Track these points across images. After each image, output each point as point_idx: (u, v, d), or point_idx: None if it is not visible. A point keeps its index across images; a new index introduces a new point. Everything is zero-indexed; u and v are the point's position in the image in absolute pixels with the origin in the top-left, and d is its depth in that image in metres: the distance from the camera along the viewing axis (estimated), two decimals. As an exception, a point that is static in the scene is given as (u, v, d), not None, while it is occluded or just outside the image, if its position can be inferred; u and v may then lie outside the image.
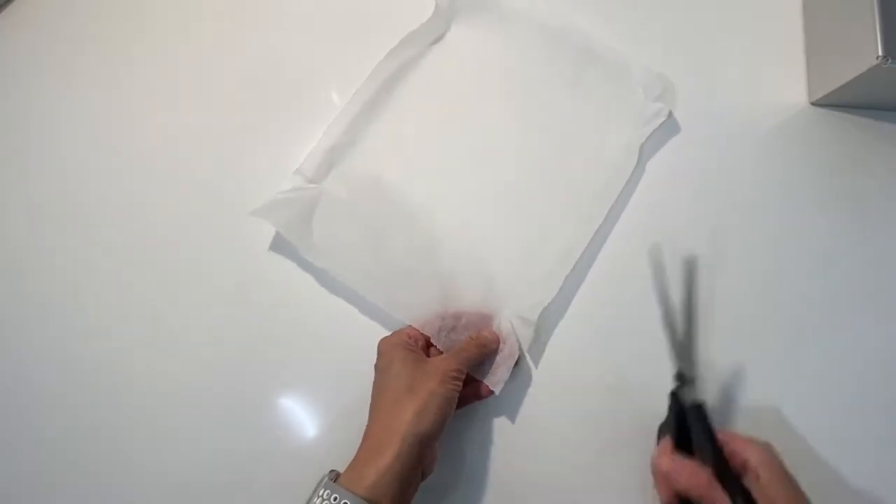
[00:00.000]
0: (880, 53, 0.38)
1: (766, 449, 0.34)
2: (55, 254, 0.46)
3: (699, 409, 0.35)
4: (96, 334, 0.44)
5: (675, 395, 0.37)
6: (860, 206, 0.45)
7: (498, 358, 0.41)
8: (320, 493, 0.32)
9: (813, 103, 0.47)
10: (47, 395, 0.43)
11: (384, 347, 0.38)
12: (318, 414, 0.42)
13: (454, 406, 0.36)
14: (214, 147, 0.48)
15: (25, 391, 0.43)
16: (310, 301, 0.44)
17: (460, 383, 0.37)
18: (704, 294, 0.43)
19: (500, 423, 0.41)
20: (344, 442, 0.35)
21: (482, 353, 0.40)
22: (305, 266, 0.45)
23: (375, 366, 0.38)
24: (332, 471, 0.34)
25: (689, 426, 0.35)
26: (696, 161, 0.46)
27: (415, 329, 0.40)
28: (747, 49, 0.49)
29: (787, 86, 0.48)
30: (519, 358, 0.41)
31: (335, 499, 0.31)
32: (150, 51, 0.51)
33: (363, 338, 0.41)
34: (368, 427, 0.36)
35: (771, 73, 0.48)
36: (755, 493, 0.31)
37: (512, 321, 0.41)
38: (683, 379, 0.37)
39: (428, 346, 0.41)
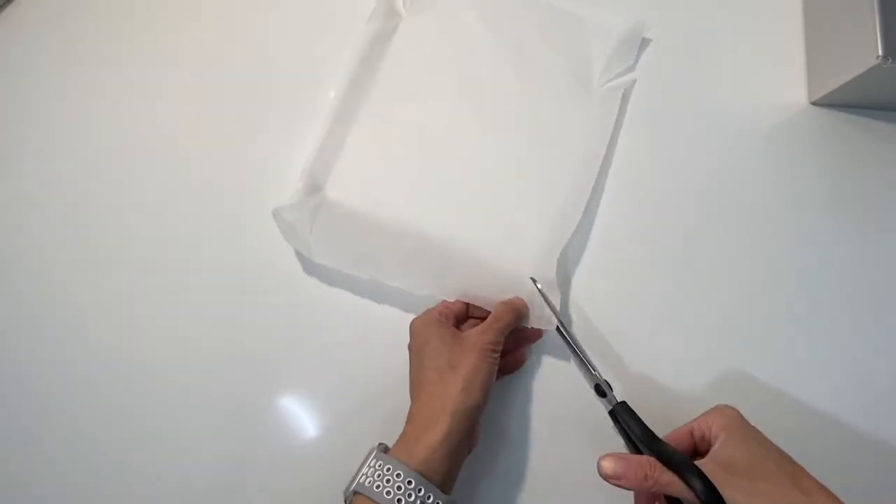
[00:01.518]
0: (880, 53, 0.38)
1: (724, 412, 0.34)
2: (51, 254, 0.46)
3: (623, 406, 0.36)
4: (95, 335, 0.44)
5: (611, 413, 0.37)
6: (860, 206, 0.45)
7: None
8: (370, 463, 0.32)
9: (813, 103, 0.47)
10: (42, 397, 0.43)
11: (417, 327, 0.38)
12: (318, 416, 0.42)
13: (495, 378, 0.36)
14: (214, 146, 0.48)
15: (21, 393, 0.43)
16: (310, 303, 0.44)
17: (499, 354, 0.37)
18: (704, 294, 0.43)
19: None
20: (346, 444, 0.35)
21: (517, 318, 0.39)
22: (307, 265, 0.45)
23: (409, 346, 0.38)
24: (380, 443, 0.34)
25: (626, 431, 0.36)
26: (696, 161, 0.46)
27: (444, 305, 0.40)
28: (747, 49, 0.49)
29: (787, 86, 0.48)
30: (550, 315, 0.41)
31: (388, 469, 0.31)
32: (149, 51, 0.51)
33: (367, 340, 0.41)
34: (413, 407, 0.35)
35: (771, 73, 0.48)
36: (714, 461, 0.31)
37: (536, 285, 0.41)
38: (600, 391, 0.39)
39: (458, 321, 0.40)
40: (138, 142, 0.49)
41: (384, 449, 0.34)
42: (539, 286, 0.41)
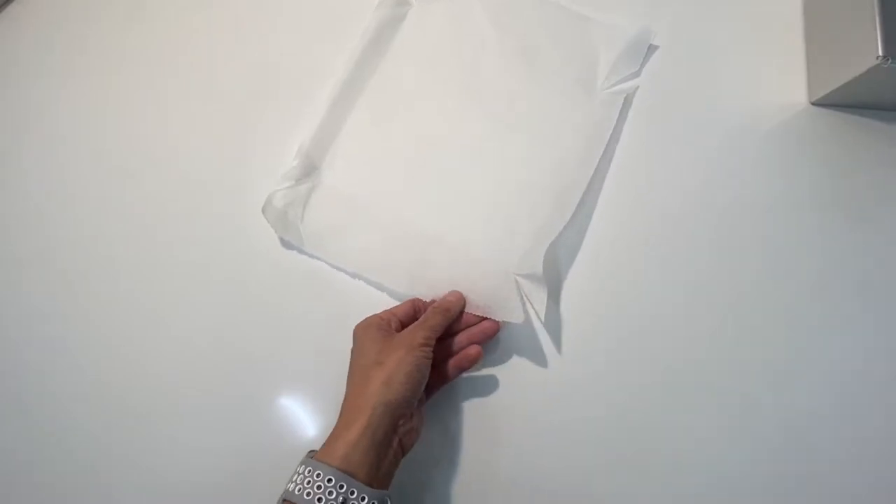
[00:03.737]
0: (880, 53, 0.38)
1: None
2: (50, 253, 0.46)
3: None
4: (93, 335, 0.44)
5: None
6: (860, 206, 0.45)
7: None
8: (298, 470, 0.32)
9: (813, 103, 0.47)
10: (39, 397, 0.43)
11: (356, 332, 0.39)
12: (317, 413, 0.42)
13: (425, 374, 0.36)
14: (212, 144, 0.48)
15: (22, 391, 0.43)
16: (309, 299, 0.44)
17: (429, 350, 0.37)
18: (703, 294, 0.43)
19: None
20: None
21: (447, 318, 0.40)
22: (307, 264, 0.45)
23: (350, 351, 0.38)
24: (310, 451, 0.34)
25: None
26: (696, 161, 0.46)
27: (388, 310, 0.41)
28: (747, 49, 0.49)
29: (787, 86, 0.48)
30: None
31: (309, 471, 0.32)
32: (149, 51, 0.51)
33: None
34: (342, 406, 0.36)
35: (771, 73, 0.48)
36: None
37: (516, 278, 0.42)
38: None
39: (403, 326, 0.40)
40: (137, 141, 0.49)
41: (312, 454, 0.34)
42: (518, 279, 0.41)
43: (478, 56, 0.49)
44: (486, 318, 0.41)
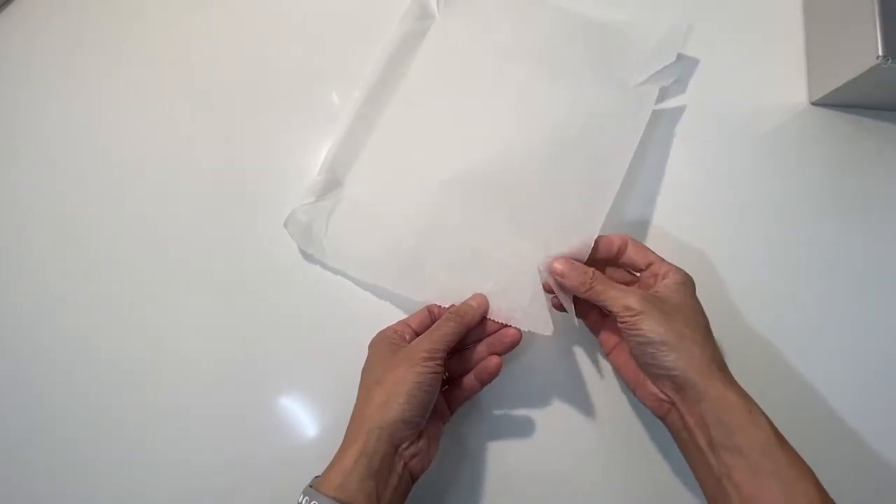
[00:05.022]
0: (880, 53, 0.38)
1: (687, 275, 0.35)
2: (52, 255, 0.46)
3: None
4: (92, 335, 0.44)
5: None
6: (860, 206, 0.45)
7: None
8: (300, 500, 0.31)
9: (813, 103, 0.47)
10: (42, 399, 0.43)
11: (369, 346, 0.37)
12: (319, 417, 0.42)
13: (431, 391, 0.33)
14: (219, 148, 0.48)
15: (23, 393, 0.43)
16: (315, 303, 0.44)
17: (434, 364, 0.34)
18: (702, 294, 0.43)
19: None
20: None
21: (461, 326, 0.36)
22: (311, 266, 0.45)
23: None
24: (316, 476, 0.33)
25: None
26: (696, 161, 0.46)
27: (402, 322, 0.38)
28: (747, 49, 0.49)
29: (787, 86, 0.48)
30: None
31: (307, 501, 0.30)
32: (149, 51, 0.51)
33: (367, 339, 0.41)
34: (346, 429, 0.34)
35: (771, 73, 0.48)
36: (653, 296, 0.34)
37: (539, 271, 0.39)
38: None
39: (416, 336, 0.38)
40: (139, 142, 0.49)
41: (313, 481, 0.32)
42: (542, 282, 0.38)
43: (502, 66, 0.48)
44: (507, 326, 0.38)
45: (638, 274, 0.37)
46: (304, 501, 0.31)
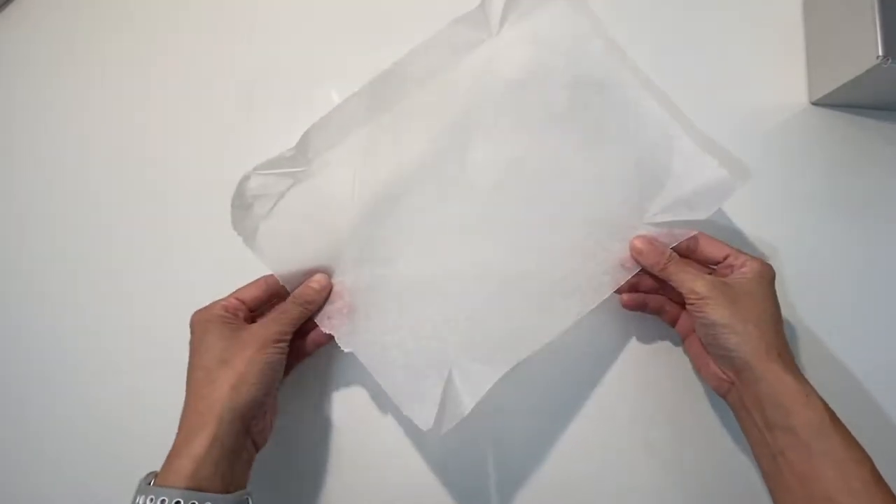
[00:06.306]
0: (880, 53, 0.38)
1: (766, 265, 0.36)
2: (48, 253, 0.46)
3: None
4: (91, 335, 0.44)
5: None
6: (860, 206, 0.45)
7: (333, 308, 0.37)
8: (137, 501, 0.29)
9: (813, 103, 0.47)
10: (38, 396, 0.43)
11: (195, 323, 0.35)
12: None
13: (280, 371, 0.34)
14: (219, 148, 0.48)
15: (21, 392, 0.43)
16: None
17: (284, 346, 0.34)
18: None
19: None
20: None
21: (308, 311, 0.36)
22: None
23: (189, 343, 0.35)
24: (148, 473, 0.31)
25: None
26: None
27: (233, 298, 0.36)
28: (747, 49, 0.49)
29: (787, 86, 0.48)
30: None
31: (151, 500, 0.28)
32: (150, 51, 0.51)
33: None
34: (182, 413, 0.33)
35: (771, 73, 0.48)
36: (724, 283, 0.35)
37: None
38: None
39: (251, 316, 0.37)
40: (140, 143, 0.48)
41: (150, 478, 0.30)
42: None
43: (540, 114, 0.41)
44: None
45: (715, 267, 0.38)
46: (144, 502, 0.28)
